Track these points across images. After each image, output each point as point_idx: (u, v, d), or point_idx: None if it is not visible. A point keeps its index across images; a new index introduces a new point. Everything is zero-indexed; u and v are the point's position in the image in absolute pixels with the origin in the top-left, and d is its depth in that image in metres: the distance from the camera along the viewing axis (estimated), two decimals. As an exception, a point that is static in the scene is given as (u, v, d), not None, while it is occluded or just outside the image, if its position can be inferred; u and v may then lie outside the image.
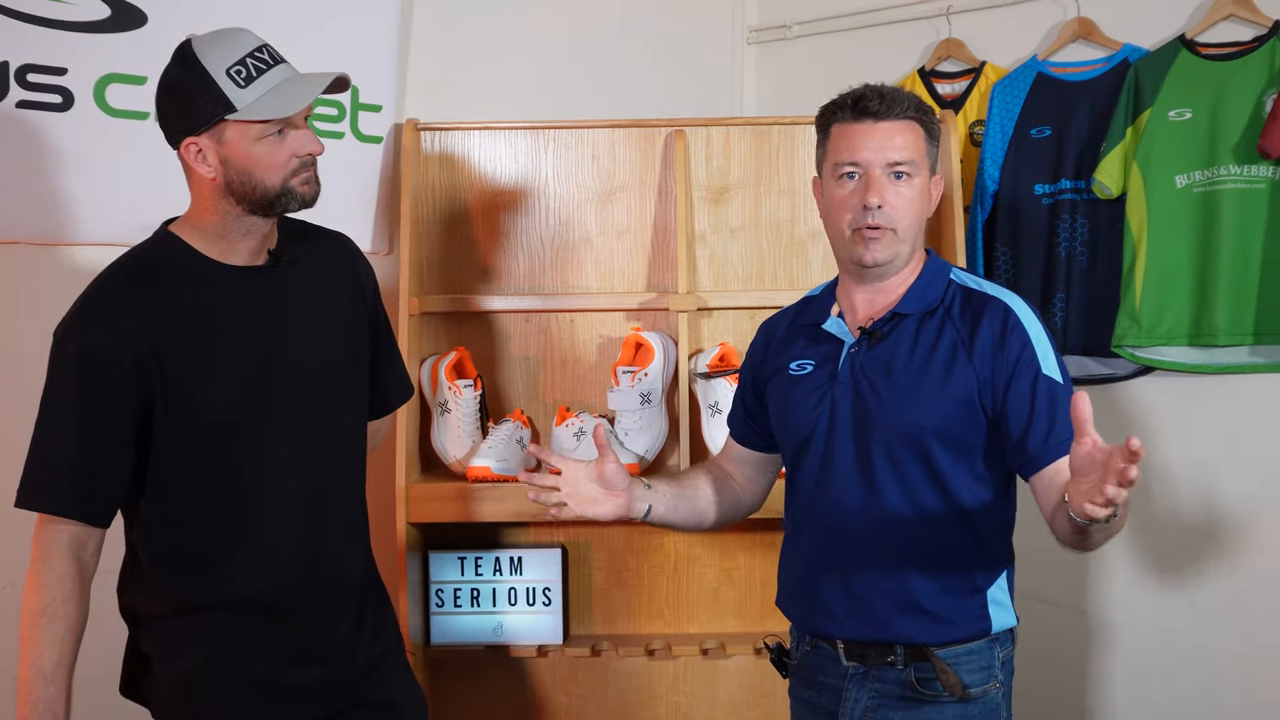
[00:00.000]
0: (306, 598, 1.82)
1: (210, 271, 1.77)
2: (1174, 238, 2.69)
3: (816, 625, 1.88)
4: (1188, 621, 2.78)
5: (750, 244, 2.74)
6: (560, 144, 2.73)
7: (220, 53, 1.69)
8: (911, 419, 1.78)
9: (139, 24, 2.29)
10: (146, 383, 1.71)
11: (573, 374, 2.76)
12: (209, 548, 1.78)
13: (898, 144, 1.78)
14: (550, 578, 2.70)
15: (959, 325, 1.80)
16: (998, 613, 1.82)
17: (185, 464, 1.75)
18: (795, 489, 1.92)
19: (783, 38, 3.42)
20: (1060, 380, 1.75)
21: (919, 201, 1.80)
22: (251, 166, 1.71)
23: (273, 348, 1.79)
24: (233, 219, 1.76)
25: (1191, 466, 2.77)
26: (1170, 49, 2.71)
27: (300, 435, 1.81)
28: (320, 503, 1.84)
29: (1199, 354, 2.70)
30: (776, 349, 1.97)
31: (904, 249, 1.81)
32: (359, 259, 1.98)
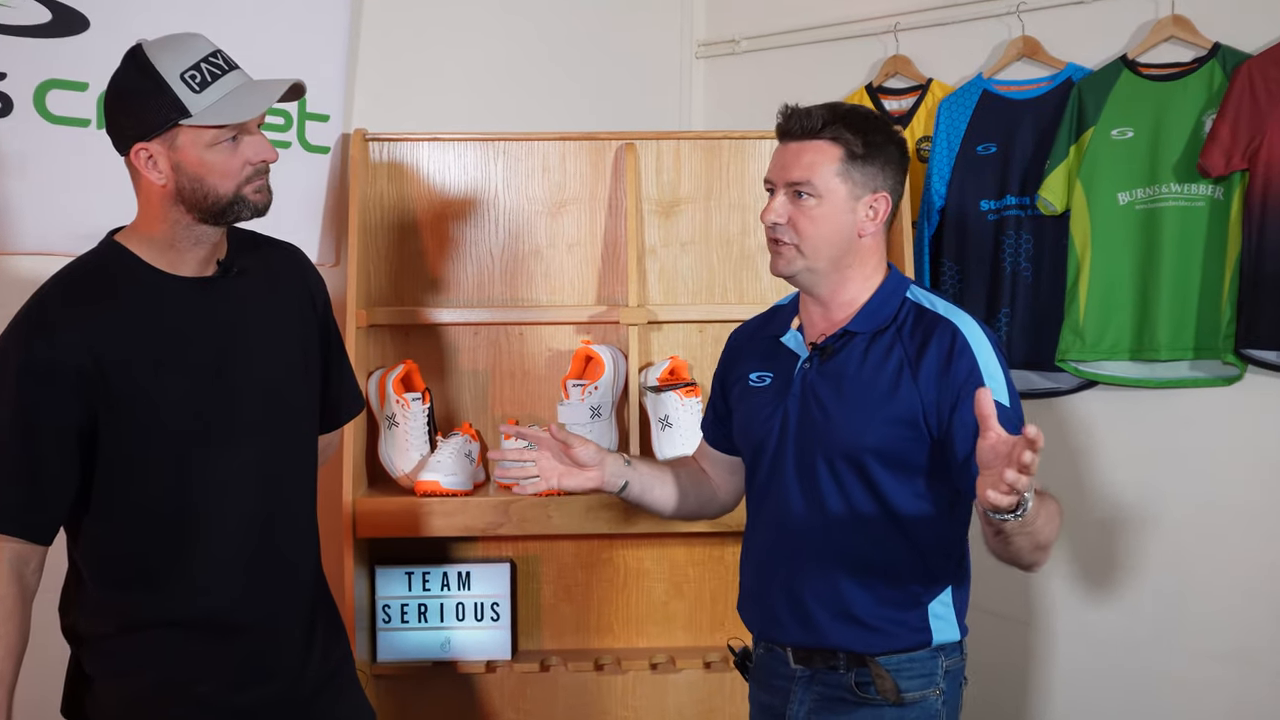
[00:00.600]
0: (256, 614, 1.79)
1: (158, 282, 1.73)
2: (1116, 254, 2.73)
3: (767, 630, 1.93)
4: (1126, 632, 2.82)
5: (700, 258, 2.75)
6: (510, 156, 2.71)
7: (174, 57, 1.66)
8: (853, 438, 1.80)
9: (81, 29, 2.25)
10: (91, 396, 1.67)
11: (522, 387, 2.74)
12: (155, 564, 1.74)
13: (800, 164, 1.80)
14: (499, 592, 2.68)
15: (908, 345, 1.81)
16: (939, 626, 1.84)
17: (131, 479, 1.71)
18: (750, 495, 1.96)
19: (731, 52, 3.44)
20: (1007, 404, 1.75)
21: (828, 221, 1.80)
22: (204, 173, 1.68)
23: (221, 360, 1.75)
24: (182, 228, 1.72)
25: (1132, 479, 2.81)
26: (1112, 69, 2.75)
27: (249, 449, 1.77)
28: (270, 518, 1.80)
29: (1141, 368, 2.75)
30: (741, 359, 2.00)
31: (817, 265, 1.83)
32: (309, 270, 1.95)
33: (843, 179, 1.80)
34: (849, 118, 1.81)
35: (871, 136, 1.81)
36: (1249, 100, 2.56)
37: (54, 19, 2.21)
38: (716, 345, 2.73)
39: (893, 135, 1.85)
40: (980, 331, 1.81)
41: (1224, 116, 2.57)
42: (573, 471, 1.94)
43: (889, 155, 1.84)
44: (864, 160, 1.81)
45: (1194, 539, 2.74)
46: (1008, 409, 1.74)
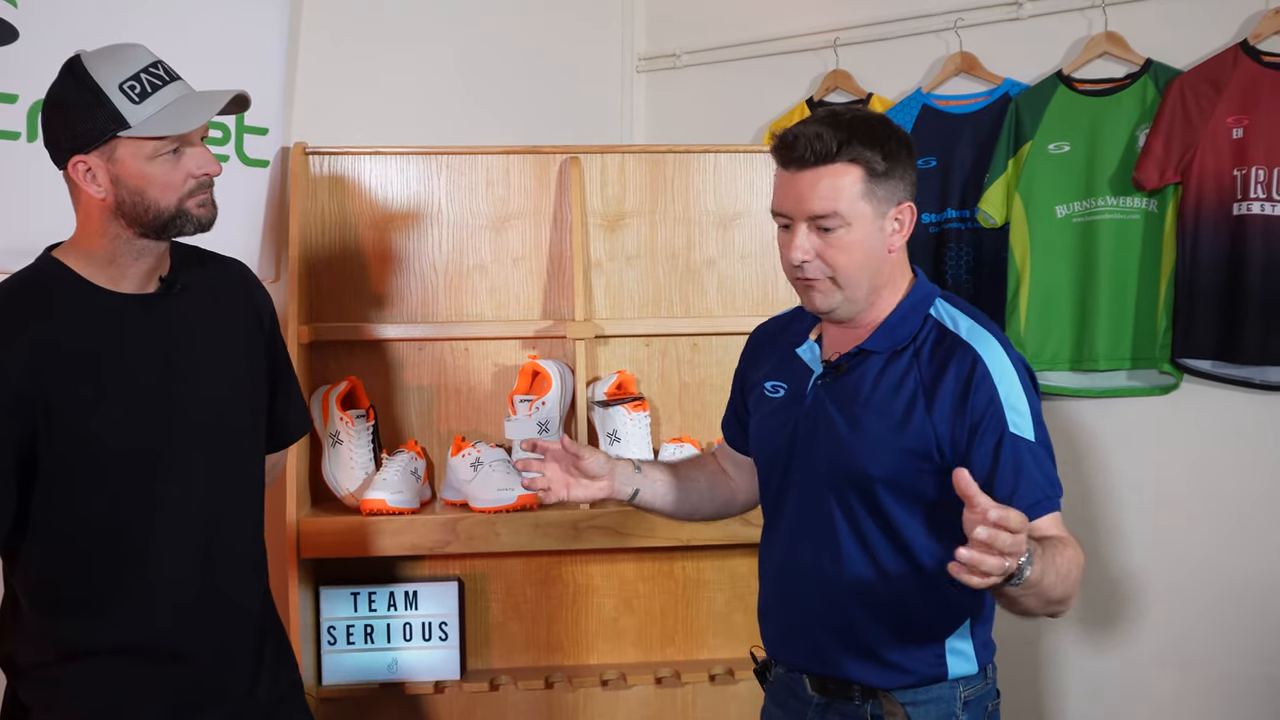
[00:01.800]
0: (202, 640, 1.74)
1: (98, 299, 1.68)
2: (1055, 266, 2.78)
3: (781, 652, 1.85)
4: (1073, 641, 2.85)
5: (646, 272, 2.73)
6: (453, 169, 2.68)
7: (113, 68, 1.62)
8: (859, 466, 1.69)
9: (9, 40, 2.18)
10: (29, 418, 1.61)
11: (468, 403, 2.71)
12: (96, 590, 1.68)
13: (820, 193, 1.64)
14: (446, 611, 2.64)
15: (924, 370, 1.67)
16: (956, 661, 1.74)
17: (71, 501, 1.66)
18: (765, 504, 1.87)
19: (672, 66, 3.45)
20: (1031, 436, 1.63)
21: (860, 248, 1.66)
22: (145, 186, 1.63)
23: (165, 379, 1.71)
24: (123, 242, 1.67)
25: (1072, 485, 2.84)
26: (1049, 84, 2.80)
27: (195, 470, 1.73)
28: (216, 540, 1.75)
29: (1080, 378, 2.80)
30: (761, 361, 1.90)
31: (855, 294, 1.69)
32: (255, 286, 1.91)
33: (868, 200, 1.65)
34: (862, 131, 1.65)
35: (889, 147, 1.66)
36: (1181, 115, 2.62)
37: (-17, 29, 2.15)
38: (664, 359, 2.74)
39: (904, 137, 1.70)
40: (1004, 357, 1.67)
41: (1157, 131, 2.63)
42: (581, 482, 1.85)
43: (905, 161, 1.68)
44: (885, 175, 1.66)
45: (1132, 544, 2.79)
46: (1031, 443, 1.63)
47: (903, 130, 1.72)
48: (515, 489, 2.45)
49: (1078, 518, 2.84)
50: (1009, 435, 1.62)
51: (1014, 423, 1.62)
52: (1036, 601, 1.51)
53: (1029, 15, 2.85)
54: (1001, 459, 1.61)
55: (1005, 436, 1.61)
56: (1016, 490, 1.60)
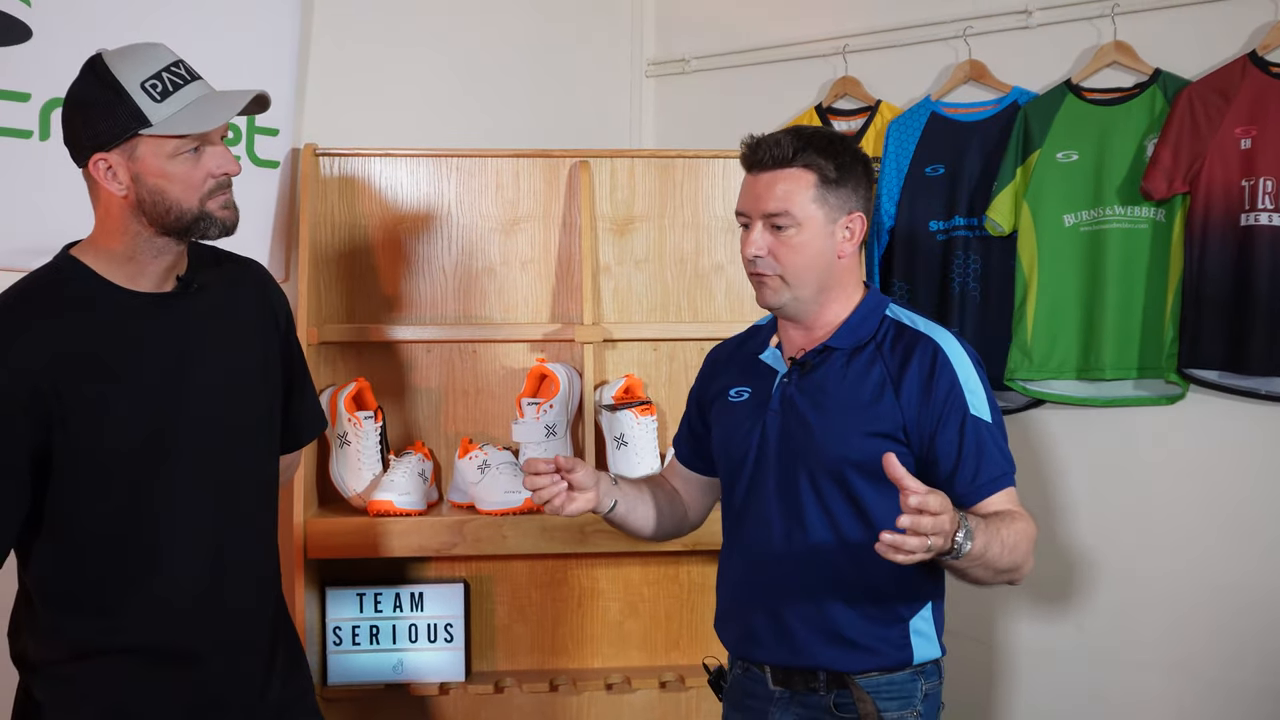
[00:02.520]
0: (212, 642, 1.74)
1: (115, 298, 1.68)
2: (1063, 275, 2.78)
3: (745, 649, 1.91)
4: (1075, 646, 2.86)
5: (655, 276, 2.74)
6: (464, 172, 2.69)
7: (135, 66, 1.62)
8: (834, 451, 1.80)
9: (22, 38, 2.19)
10: (44, 416, 1.61)
11: (476, 405, 2.72)
12: (108, 589, 1.68)
13: (775, 194, 1.79)
14: (452, 613, 2.64)
15: (889, 361, 1.81)
16: (920, 643, 1.84)
17: (85, 499, 1.66)
18: (728, 513, 1.95)
19: (681, 71, 3.45)
20: (988, 418, 1.78)
21: (809, 248, 1.81)
22: (165, 185, 1.63)
23: (179, 378, 1.71)
24: (143, 240, 1.67)
25: (1080, 495, 2.86)
26: (1057, 93, 2.81)
27: (208, 469, 1.73)
28: (228, 540, 1.75)
29: (1087, 387, 2.80)
30: (720, 375, 1.99)
31: (802, 292, 1.83)
32: (271, 286, 1.91)
33: (819, 204, 1.80)
34: (818, 142, 1.81)
35: (842, 159, 1.82)
36: (1189, 125, 2.62)
37: (-3, 28, 2.16)
38: (671, 363, 2.75)
39: (859, 154, 1.86)
40: (959, 347, 1.82)
41: (1165, 141, 2.64)
42: (573, 496, 1.87)
43: (859, 175, 1.85)
44: (837, 183, 1.82)
45: (1139, 554, 2.78)
46: (989, 423, 1.78)
47: (860, 150, 1.88)
48: (522, 491, 2.46)
49: (1082, 527, 2.85)
50: (970, 417, 1.77)
51: (973, 405, 1.77)
52: (985, 572, 1.67)
53: (1038, 24, 2.85)
54: (965, 440, 1.76)
55: (967, 418, 1.76)
56: (980, 468, 1.76)
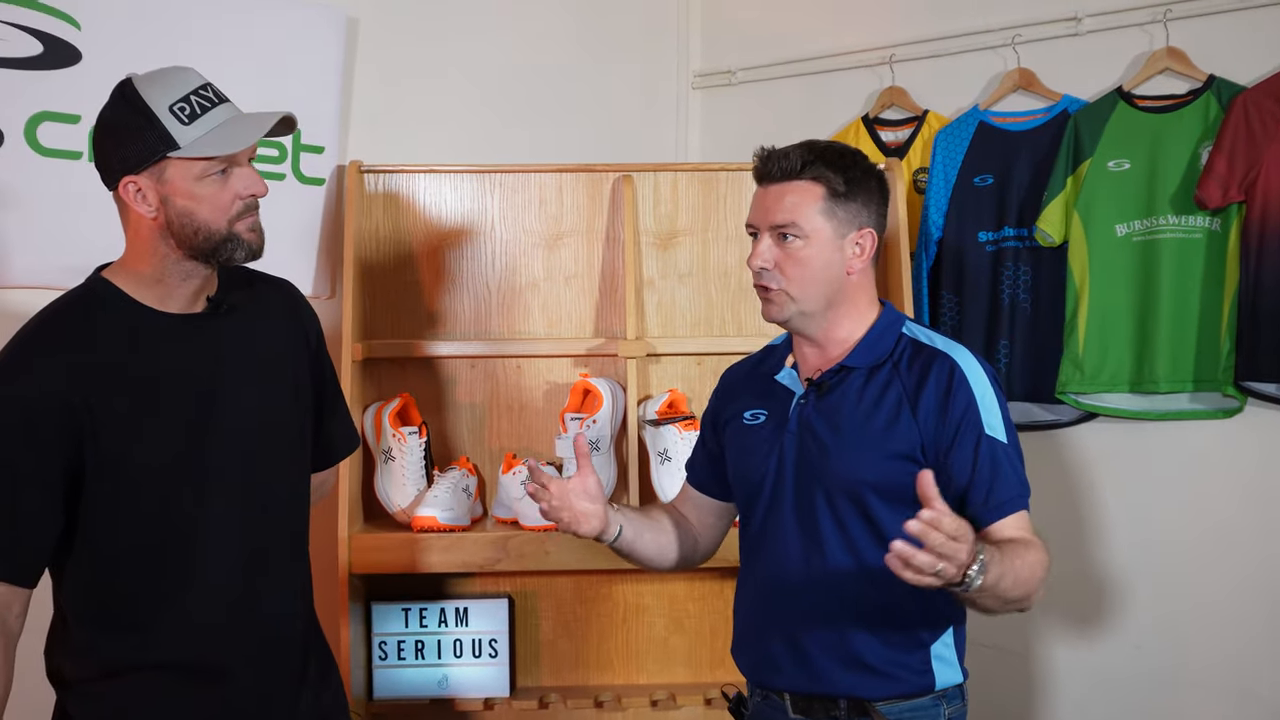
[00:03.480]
0: (243, 658, 1.74)
1: (145, 319, 1.69)
2: (1115, 286, 2.73)
3: (763, 677, 1.88)
4: (1133, 666, 2.79)
5: (698, 290, 2.73)
6: (507, 188, 2.70)
7: (163, 90, 1.64)
8: (852, 473, 1.77)
9: (73, 61, 2.23)
10: (77, 436, 1.63)
11: (520, 421, 2.72)
12: (140, 607, 1.70)
13: (783, 206, 1.78)
14: (497, 628, 2.64)
15: (906, 380, 1.78)
16: (942, 669, 1.80)
17: (117, 519, 1.67)
18: (745, 537, 1.92)
19: (728, 84, 3.44)
20: (1004, 439, 1.75)
21: (815, 261, 1.79)
22: (194, 207, 1.64)
23: (211, 399, 1.72)
24: (171, 263, 1.68)
25: (1134, 512, 2.80)
26: (1108, 100, 2.76)
27: (239, 489, 1.74)
28: (259, 558, 1.76)
29: (1141, 400, 2.74)
30: (735, 397, 1.97)
31: (809, 306, 1.81)
32: (303, 306, 1.92)
33: (827, 217, 1.79)
34: (827, 155, 1.80)
35: (852, 173, 1.80)
36: (1245, 132, 2.56)
37: (45, 51, 2.19)
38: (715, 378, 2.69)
39: (872, 170, 1.83)
40: (977, 365, 1.79)
41: (1220, 148, 2.58)
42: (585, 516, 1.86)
43: (870, 190, 1.82)
44: (846, 197, 1.79)
45: (1195, 572, 2.72)
46: (1004, 445, 1.75)
47: (875, 166, 1.85)
48: (565, 507, 2.45)
49: (1137, 542, 2.79)
50: (985, 437, 1.74)
51: (989, 424, 1.74)
52: (994, 602, 1.64)
53: (1088, 30, 2.80)
54: (980, 460, 1.73)
55: (982, 438, 1.74)
56: (993, 489, 1.73)
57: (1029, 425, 2.89)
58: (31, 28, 2.18)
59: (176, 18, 2.36)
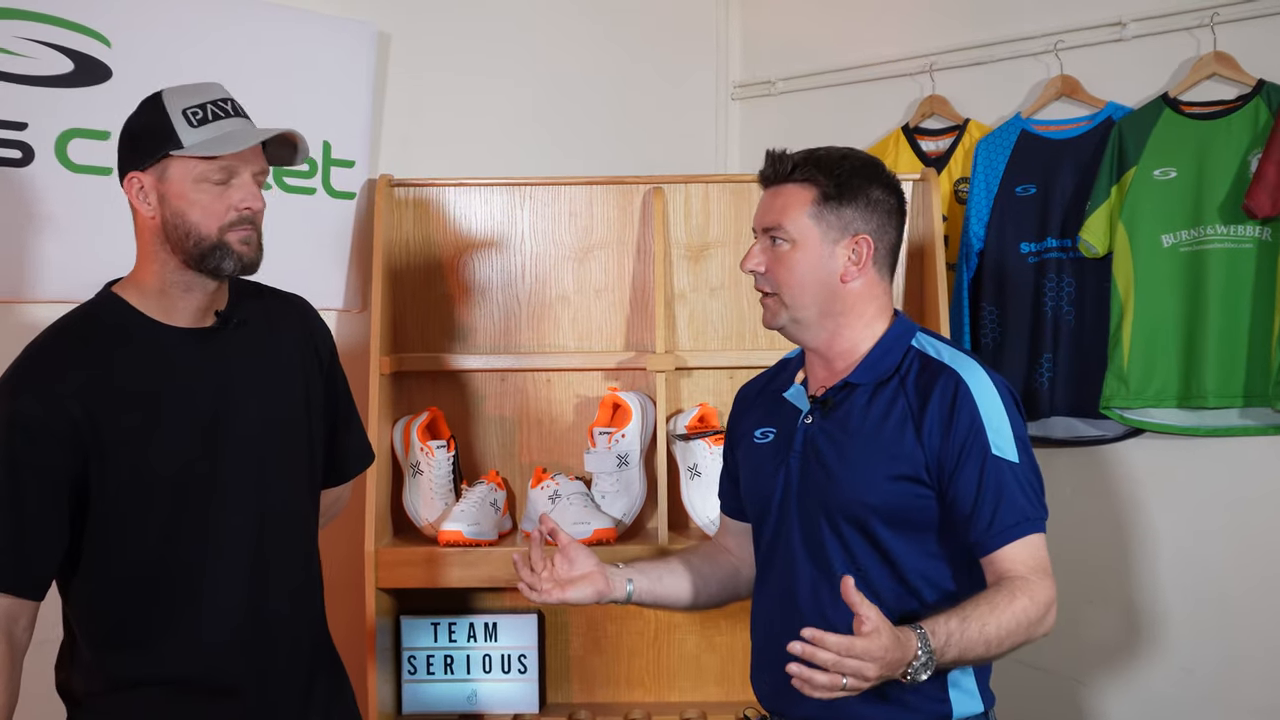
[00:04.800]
0: (251, 674, 1.74)
1: (152, 333, 1.70)
2: (1161, 297, 2.65)
3: (779, 704, 1.82)
4: (1183, 690, 2.70)
5: (730, 303, 2.69)
6: (537, 200, 2.69)
7: (183, 97, 1.68)
8: (854, 497, 1.71)
9: (103, 79, 2.25)
10: (82, 450, 1.64)
11: (549, 435, 2.70)
12: (145, 623, 1.70)
13: (774, 207, 1.75)
14: (526, 644, 2.62)
15: (911, 397, 1.72)
16: (959, 698, 1.73)
17: (123, 535, 1.68)
18: (758, 557, 1.87)
19: (767, 94, 3.40)
20: (1014, 458, 1.67)
21: (803, 266, 1.73)
22: (187, 208, 1.66)
23: (217, 414, 1.72)
24: (171, 271, 1.69)
25: (1183, 531, 2.71)
26: (1154, 107, 2.68)
27: (244, 504, 1.74)
28: (264, 574, 1.76)
29: (1189, 416, 2.65)
30: (747, 414, 1.92)
31: (801, 314, 1.76)
32: (314, 320, 1.92)
33: (815, 221, 1.73)
34: (822, 160, 1.75)
35: (846, 178, 1.73)
36: (1297, 139, 2.48)
37: (76, 69, 2.22)
38: (747, 392, 2.69)
39: (875, 176, 1.76)
40: (986, 380, 1.71)
41: (1270, 156, 2.49)
42: (575, 582, 1.83)
43: (869, 197, 1.75)
44: (838, 202, 1.73)
45: (1245, 593, 2.63)
46: (1013, 464, 1.67)
47: (884, 173, 1.78)
48: (592, 523, 2.43)
49: (1185, 561, 2.70)
50: (991, 458, 1.66)
51: (996, 444, 1.66)
52: (973, 663, 1.64)
53: (1133, 36, 2.72)
54: (985, 482, 1.65)
55: (988, 459, 1.66)
56: (997, 513, 1.64)
57: (1073, 441, 2.81)
58: (62, 46, 2.21)
59: (207, 34, 2.38)
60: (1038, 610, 1.62)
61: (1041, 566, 1.66)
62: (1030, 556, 1.65)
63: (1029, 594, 1.61)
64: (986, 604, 1.59)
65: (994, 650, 1.59)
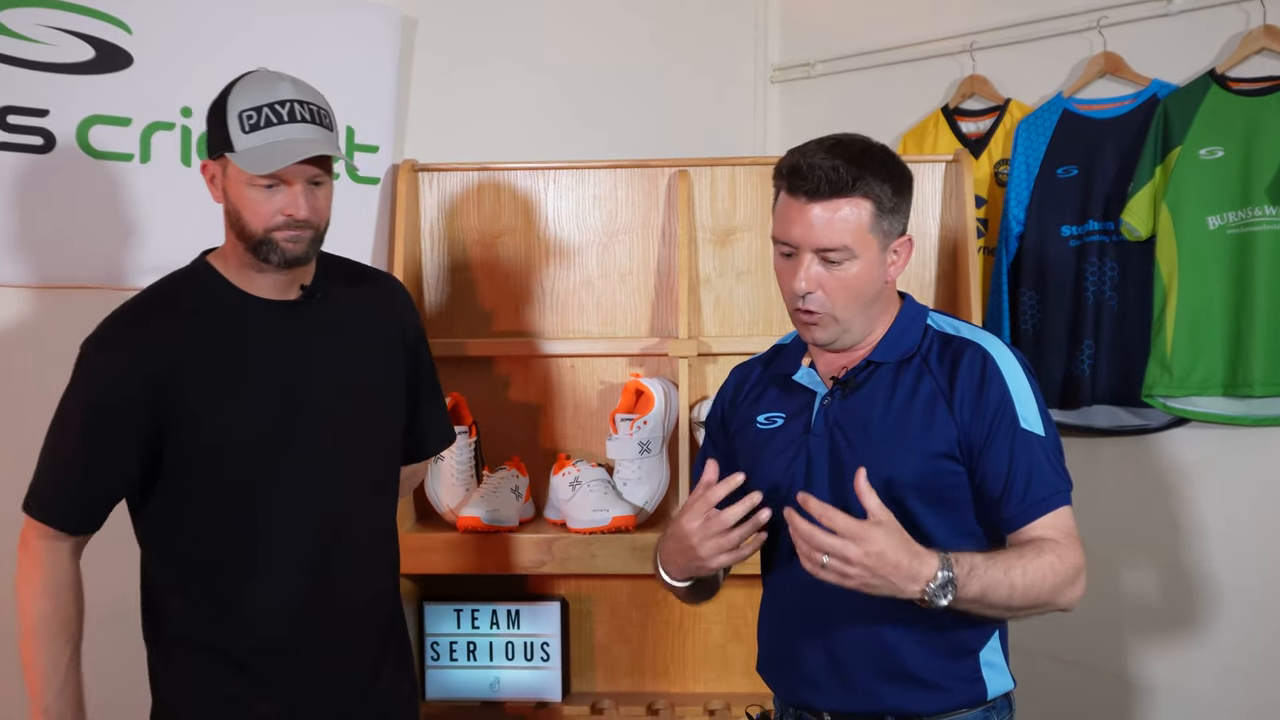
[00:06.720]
0: (317, 641, 1.80)
1: (237, 302, 1.77)
2: (1206, 282, 2.55)
3: (800, 696, 1.77)
4: (1227, 685, 2.61)
5: (757, 287, 2.64)
6: (561, 185, 2.66)
7: (244, 96, 1.71)
8: (890, 474, 1.65)
9: (124, 65, 2.27)
10: (158, 406, 1.70)
11: (574, 421, 2.68)
12: (216, 580, 1.76)
13: (832, 229, 1.63)
14: (549, 632, 2.60)
15: (937, 374, 1.69)
16: (992, 676, 1.70)
17: (194, 498, 1.75)
18: (771, 551, 1.80)
19: (806, 76, 3.35)
20: (1041, 431, 1.65)
21: (859, 283, 1.66)
22: (240, 206, 1.72)
23: (294, 383, 1.77)
24: (242, 252, 1.76)
25: (1228, 523, 2.62)
26: (1200, 84, 2.58)
27: (314, 474, 1.78)
28: (335, 545, 1.80)
29: (1235, 405, 2.56)
30: (745, 401, 1.86)
31: (851, 326, 1.70)
32: (401, 299, 1.98)
33: (875, 233, 1.66)
34: (874, 165, 1.65)
35: (898, 183, 1.67)
36: (1351, 115, 2.37)
37: (97, 56, 2.24)
38: (772, 378, 2.64)
39: (907, 171, 1.71)
40: (1010, 354, 1.70)
41: (1323, 133, 2.39)
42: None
43: (909, 195, 1.71)
44: (893, 210, 1.67)
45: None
46: (1041, 438, 1.65)
47: (904, 165, 1.72)
48: (611, 510, 2.40)
49: (1231, 555, 2.61)
50: (1021, 431, 1.64)
51: (1024, 418, 1.65)
52: (992, 612, 1.59)
53: (1179, 10, 2.63)
54: (1015, 456, 1.63)
55: (1018, 433, 1.64)
56: (1030, 486, 1.63)
57: (1115, 430, 2.73)
58: (83, 33, 2.23)
59: (228, 20, 2.39)
60: (1066, 571, 1.59)
61: (1072, 534, 1.64)
62: (1061, 526, 1.63)
63: (1057, 553, 1.59)
64: (1014, 552, 1.59)
65: (1017, 599, 1.56)
